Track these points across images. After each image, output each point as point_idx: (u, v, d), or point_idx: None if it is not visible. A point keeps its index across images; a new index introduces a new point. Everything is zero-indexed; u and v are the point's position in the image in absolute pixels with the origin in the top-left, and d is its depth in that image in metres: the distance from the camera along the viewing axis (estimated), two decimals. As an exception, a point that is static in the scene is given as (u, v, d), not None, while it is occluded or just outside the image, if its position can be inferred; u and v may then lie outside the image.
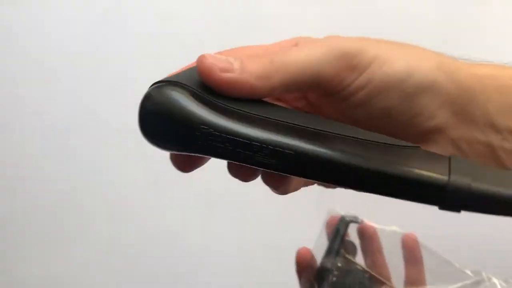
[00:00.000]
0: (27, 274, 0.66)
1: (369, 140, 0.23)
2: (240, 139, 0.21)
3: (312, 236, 0.43)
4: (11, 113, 0.67)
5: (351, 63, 0.24)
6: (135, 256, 0.65)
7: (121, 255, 0.65)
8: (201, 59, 0.22)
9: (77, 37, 0.67)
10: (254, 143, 0.21)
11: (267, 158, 0.21)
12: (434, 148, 0.27)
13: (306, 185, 0.30)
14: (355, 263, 0.37)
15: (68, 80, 0.66)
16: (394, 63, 0.25)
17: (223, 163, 0.24)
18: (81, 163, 0.66)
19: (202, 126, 0.21)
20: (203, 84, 0.22)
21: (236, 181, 0.28)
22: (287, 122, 0.22)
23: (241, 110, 0.22)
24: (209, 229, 0.64)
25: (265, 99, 0.24)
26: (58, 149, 0.66)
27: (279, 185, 0.26)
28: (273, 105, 0.24)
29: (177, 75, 0.23)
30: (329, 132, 0.23)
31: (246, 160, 0.21)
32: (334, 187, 0.27)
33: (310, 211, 0.62)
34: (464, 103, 0.26)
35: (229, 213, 0.64)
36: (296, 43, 0.26)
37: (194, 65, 0.23)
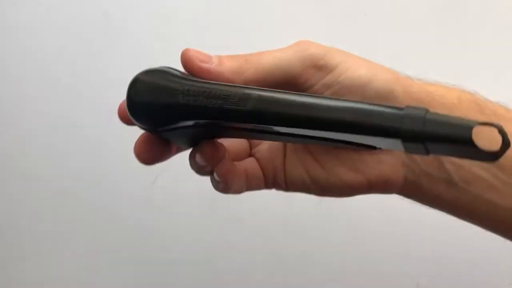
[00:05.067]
0: (26, 274, 0.66)
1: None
2: (213, 91, 0.25)
3: (313, 239, 0.43)
4: (11, 113, 0.67)
5: (317, 63, 0.27)
6: (135, 256, 0.65)
7: (120, 255, 0.65)
8: (184, 51, 0.27)
9: (77, 37, 0.66)
10: (224, 93, 0.24)
11: (236, 103, 0.24)
12: (387, 155, 0.29)
13: (249, 187, 0.34)
14: None
15: (68, 79, 0.66)
16: (357, 70, 0.27)
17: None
18: (80, 163, 0.66)
19: (182, 89, 0.25)
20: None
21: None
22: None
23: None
24: (209, 230, 0.64)
25: None
26: (57, 148, 0.66)
27: (215, 160, 0.29)
28: None
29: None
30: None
31: (220, 109, 0.24)
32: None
33: (315, 210, 0.62)
34: None
35: (229, 213, 0.64)
36: None
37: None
